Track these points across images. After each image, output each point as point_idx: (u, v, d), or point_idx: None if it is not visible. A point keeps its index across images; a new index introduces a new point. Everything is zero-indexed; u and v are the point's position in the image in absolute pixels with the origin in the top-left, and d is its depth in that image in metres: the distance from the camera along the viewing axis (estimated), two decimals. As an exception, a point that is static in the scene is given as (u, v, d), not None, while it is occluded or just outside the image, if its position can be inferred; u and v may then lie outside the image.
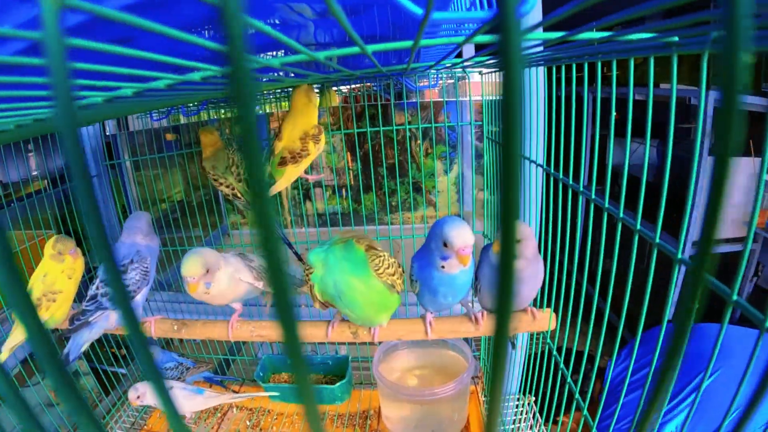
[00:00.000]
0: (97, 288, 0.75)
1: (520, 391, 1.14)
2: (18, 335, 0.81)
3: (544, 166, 0.81)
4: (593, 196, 0.63)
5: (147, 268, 0.76)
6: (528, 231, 0.65)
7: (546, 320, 0.67)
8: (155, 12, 0.32)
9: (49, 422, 1.05)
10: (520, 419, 1.06)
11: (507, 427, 1.05)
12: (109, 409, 1.15)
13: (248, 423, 1.11)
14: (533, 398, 1.12)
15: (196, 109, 1.09)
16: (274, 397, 1.08)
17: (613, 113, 0.64)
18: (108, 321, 0.75)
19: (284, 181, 0.89)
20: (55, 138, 1.28)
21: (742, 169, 1.40)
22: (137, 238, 0.79)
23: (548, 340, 0.72)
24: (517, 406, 1.10)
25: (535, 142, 0.86)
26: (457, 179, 1.73)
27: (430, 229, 0.61)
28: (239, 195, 0.91)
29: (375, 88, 1.39)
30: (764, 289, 1.57)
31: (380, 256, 0.59)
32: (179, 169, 1.50)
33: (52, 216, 1.25)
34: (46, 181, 1.39)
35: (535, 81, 0.86)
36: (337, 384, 1.04)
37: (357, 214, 1.81)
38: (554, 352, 0.70)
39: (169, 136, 1.75)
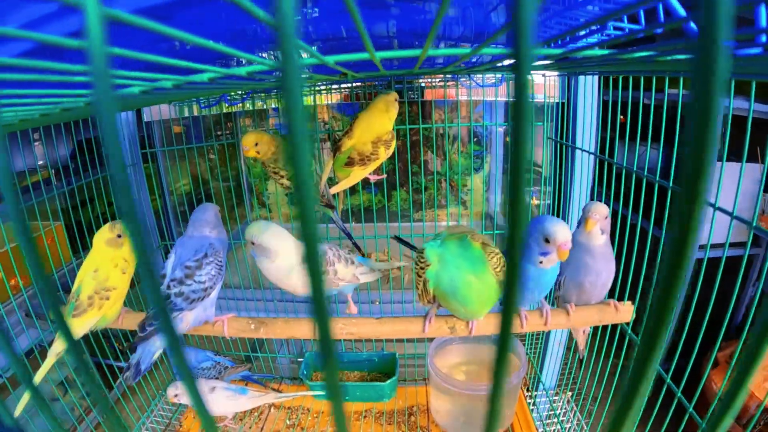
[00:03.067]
0: (168, 287, 0.70)
1: (557, 386, 1.17)
2: (62, 341, 0.76)
3: (597, 154, 0.93)
4: (645, 173, 0.73)
5: (221, 261, 0.73)
6: (605, 209, 0.67)
7: (628, 312, 0.70)
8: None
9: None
10: (557, 414, 1.08)
11: (543, 422, 1.07)
12: (118, 399, 1.13)
13: (288, 422, 1.08)
14: (570, 393, 1.15)
15: (241, 98, 1.06)
16: (320, 396, 1.05)
17: (619, 116, 0.76)
18: (183, 323, 0.71)
19: (349, 180, 0.88)
20: (60, 128, 1.20)
21: (748, 175, 1.48)
22: (206, 231, 0.75)
23: (629, 332, 0.74)
24: (553, 402, 1.13)
25: (587, 134, 0.96)
26: (486, 178, 1.75)
27: None
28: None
29: (378, 85, 1.37)
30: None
31: (496, 254, 0.59)
32: (199, 160, 1.44)
33: (62, 207, 1.18)
34: (52, 170, 1.30)
35: (588, 85, 0.95)
36: (387, 381, 1.03)
37: (382, 210, 1.80)
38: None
39: (177, 129, 1.68)
